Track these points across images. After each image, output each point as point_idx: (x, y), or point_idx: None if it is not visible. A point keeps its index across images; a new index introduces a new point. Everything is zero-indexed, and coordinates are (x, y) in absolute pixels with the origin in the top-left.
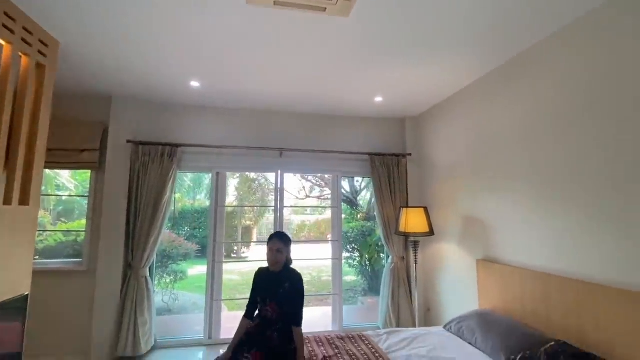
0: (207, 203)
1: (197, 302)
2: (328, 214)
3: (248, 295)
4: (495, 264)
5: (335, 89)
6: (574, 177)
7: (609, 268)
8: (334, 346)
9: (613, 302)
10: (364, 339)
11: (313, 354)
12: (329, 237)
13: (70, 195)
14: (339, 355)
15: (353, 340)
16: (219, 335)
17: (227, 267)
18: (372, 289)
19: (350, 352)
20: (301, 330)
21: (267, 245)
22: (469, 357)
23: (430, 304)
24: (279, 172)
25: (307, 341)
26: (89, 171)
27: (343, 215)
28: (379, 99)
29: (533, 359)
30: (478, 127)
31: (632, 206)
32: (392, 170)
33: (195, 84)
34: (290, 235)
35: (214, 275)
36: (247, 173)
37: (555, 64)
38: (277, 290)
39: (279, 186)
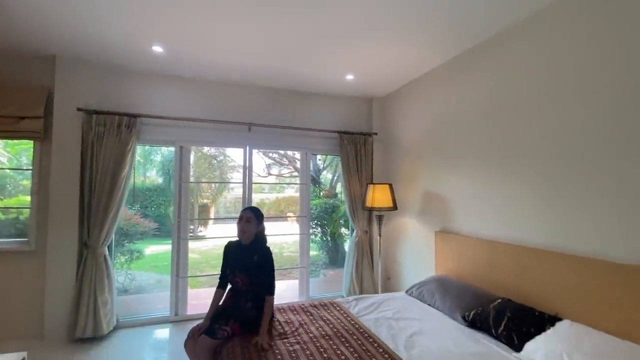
0: (160, 180)
1: (155, 282)
2: (288, 192)
3: (209, 273)
4: (452, 234)
5: (308, 65)
6: (521, 157)
7: (548, 235)
8: (308, 313)
9: (550, 264)
10: (335, 305)
11: (289, 321)
12: (290, 214)
13: (2, 169)
14: (314, 321)
15: (325, 307)
16: (185, 311)
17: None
18: (333, 262)
19: (325, 318)
20: (273, 299)
21: (239, 216)
22: (429, 317)
23: (390, 273)
24: (247, 147)
25: (282, 310)
26: (29, 142)
27: None
28: (350, 77)
29: (484, 314)
30: (440, 109)
31: (566, 182)
32: (359, 148)
33: (158, 49)
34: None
35: (179, 253)
36: (206, 149)
37: (514, 53)
38: (246, 262)
39: (247, 162)
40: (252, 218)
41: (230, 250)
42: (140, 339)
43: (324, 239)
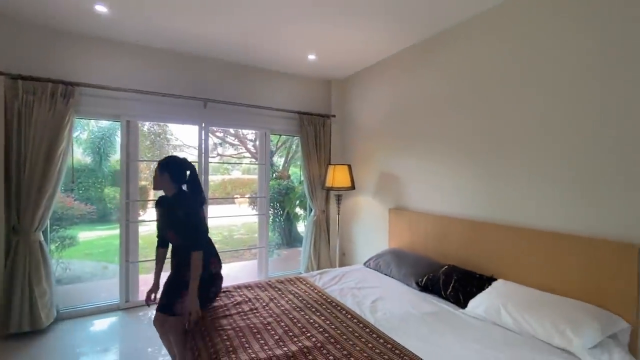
0: (88, 160)
1: (92, 270)
2: (234, 173)
3: (152, 257)
4: (405, 211)
5: (271, 40)
6: (466, 142)
7: (487, 209)
8: (276, 289)
9: (488, 234)
10: (301, 280)
11: (259, 297)
12: (237, 196)
13: None
14: (282, 295)
15: (292, 282)
16: (137, 297)
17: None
18: (287, 242)
19: (293, 292)
20: (199, 255)
21: None
22: (387, 285)
23: (345, 249)
24: (203, 124)
25: (249, 287)
26: None
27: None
28: (312, 57)
29: (435, 279)
30: (397, 94)
31: (501, 165)
32: (319, 129)
33: (102, 8)
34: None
35: (128, 237)
36: (146, 127)
37: (472, 45)
38: (172, 218)
39: (203, 141)
40: (157, 170)
41: (160, 204)
42: (86, 329)
43: (277, 220)
